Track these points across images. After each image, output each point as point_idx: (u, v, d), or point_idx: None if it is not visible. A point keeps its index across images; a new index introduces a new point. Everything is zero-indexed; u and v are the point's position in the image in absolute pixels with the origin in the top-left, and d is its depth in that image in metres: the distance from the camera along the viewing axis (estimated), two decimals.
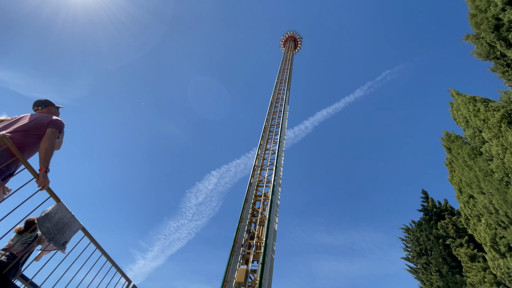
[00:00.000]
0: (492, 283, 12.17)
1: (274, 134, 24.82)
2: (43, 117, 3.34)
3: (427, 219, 18.71)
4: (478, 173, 12.72)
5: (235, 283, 13.12)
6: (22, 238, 4.18)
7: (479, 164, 12.82)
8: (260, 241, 15.75)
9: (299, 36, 47.32)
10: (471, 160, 13.41)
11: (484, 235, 11.20)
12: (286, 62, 38.53)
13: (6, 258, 3.76)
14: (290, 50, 42.38)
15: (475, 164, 13.05)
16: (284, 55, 40.49)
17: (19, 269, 3.92)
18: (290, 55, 40.08)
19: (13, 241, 4.16)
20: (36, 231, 4.29)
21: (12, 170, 3.03)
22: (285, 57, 39.49)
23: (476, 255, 13.92)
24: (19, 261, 3.88)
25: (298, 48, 48.08)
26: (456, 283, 14.74)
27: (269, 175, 21.21)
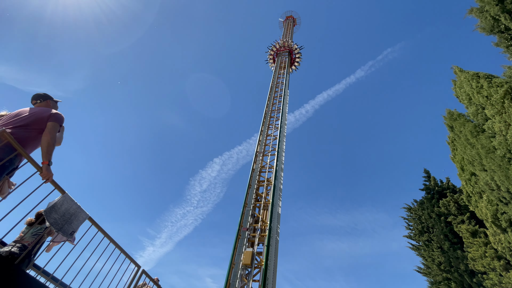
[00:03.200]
0: (493, 258, 12.44)
1: (275, 119, 24.71)
2: (43, 111, 3.33)
3: (429, 197, 18.90)
4: (480, 151, 12.71)
5: (242, 265, 13.53)
6: (32, 229, 4.30)
7: (482, 142, 12.79)
8: (264, 225, 16.08)
9: (297, 47, 34.70)
10: (474, 138, 13.37)
11: (486, 211, 11.33)
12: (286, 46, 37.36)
13: (18, 249, 3.89)
14: (283, 68, 30.96)
15: (478, 142, 13.02)
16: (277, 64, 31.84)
17: (31, 260, 4.06)
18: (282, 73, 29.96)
19: (24, 233, 4.28)
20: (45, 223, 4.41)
21: (15, 165, 3.07)
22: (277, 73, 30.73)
23: (477, 231, 14.15)
24: (31, 252, 4.01)
25: (296, 66, 35.24)
26: (457, 258, 15.09)
27: (271, 161, 21.34)
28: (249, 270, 13.65)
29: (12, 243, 4.14)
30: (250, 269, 13.61)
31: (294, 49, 35.11)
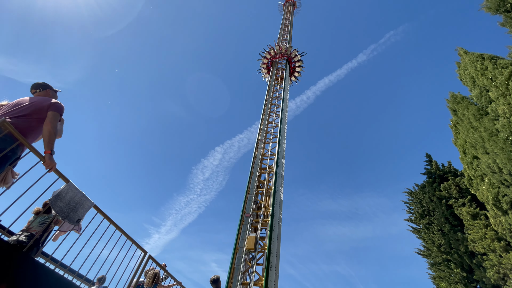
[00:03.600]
0: (493, 239, 12.62)
1: (276, 106, 24.49)
2: (42, 100, 3.30)
3: (430, 181, 18.99)
4: (483, 134, 12.63)
5: (246, 249, 13.83)
6: (39, 218, 4.36)
7: (485, 124, 12.68)
8: (267, 211, 16.29)
9: (297, 53, 28.29)
10: (477, 121, 13.25)
11: (487, 194, 11.39)
12: (285, 29, 34.53)
13: (26, 237, 3.96)
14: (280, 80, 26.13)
15: (481, 125, 12.92)
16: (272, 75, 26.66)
17: (39, 248, 4.14)
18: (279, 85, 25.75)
19: (31, 222, 4.35)
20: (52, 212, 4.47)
21: (18, 155, 3.07)
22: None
23: (478, 213, 14.29)
24: (39, 241, 4.08)
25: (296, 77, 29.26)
26: (458, 240, 15.32)
27: (272, 148, 21.34)
28: (252, 254, 13.96)
29: (20, 232, 4.22)
30: (253, 253, 13.91)
31: (293, 56, 28.46)
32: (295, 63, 29.22)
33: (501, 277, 12.22)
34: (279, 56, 28.81)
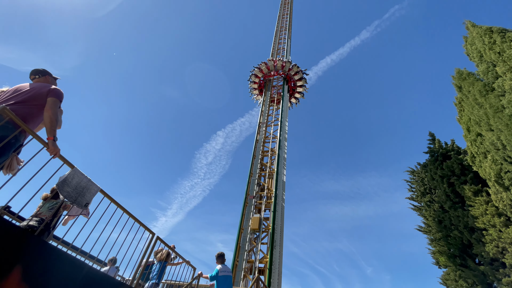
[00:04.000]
0: (494, 215, 12.81)
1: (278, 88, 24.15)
2: (41, 86, 3.25)
3: (432, 160, 19.02)
4: (488, 110, 12.45)
5: (250, 229, 14.21)
6: (48, 204, 4.45)
7: (490, 101, 12.47)
8: (270, 192, 16.53)
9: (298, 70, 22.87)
10: (482, 98, 13.02)
11: (489, 170, 11.42)
12: (285, 6, 32.37)
13: (36, 222, 4.06)
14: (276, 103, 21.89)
15: (486, 101, 12.70)
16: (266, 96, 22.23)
17: (51, 232, 4.26)
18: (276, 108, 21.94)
19: (41, 207, 4.45)
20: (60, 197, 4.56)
21: (21, 142, 3.06)
22: (267, 110, 21.75)
23: (480, 190, 14.42)
24: (49, 225, 4.19)
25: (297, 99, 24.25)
26: (458, 216, 15.58)
27: (274, 131, 21.26)
28: (257, 234, 14.35)
29: (30, 218, 4.33)
30: (258, 233, 14.30)
31: (293, 73, 22.66)
32: (295, 82, 23.53)
33: (500, 250, 12.53)
34: (275, 74, 23.36)
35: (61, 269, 3.01)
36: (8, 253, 2.49)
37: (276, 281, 12.54)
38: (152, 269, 5.90)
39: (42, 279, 2.76)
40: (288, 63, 23.06)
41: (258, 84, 24.23)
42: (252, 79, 23.92)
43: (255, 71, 23.50)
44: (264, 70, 23.39)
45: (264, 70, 23.39)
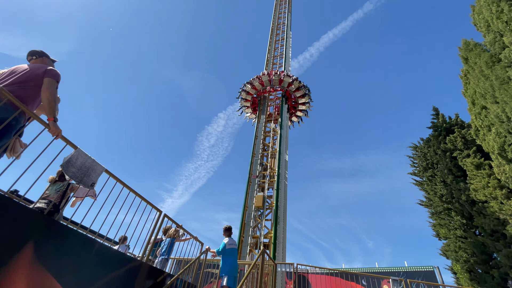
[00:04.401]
0: (495, 187, 12.91)
1: (278, 66, 23.59)
2: (37, 67, 3.19)
3: (436, 135, 18.91)
4: (494, 82, 12.16)
5: (255, 207, 14.55)
6: (55, 186, 4.54)
7: (497, 72, 12.15)
8: (273, 171, 16.71)
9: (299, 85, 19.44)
10: (488, 69, 12.68)
11: (493, 143, 11.36)
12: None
13: (45, 204, 4.16)
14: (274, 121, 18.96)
15: (492, 73, 12.38)
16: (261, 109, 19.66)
17: (60, 214, 4.37)
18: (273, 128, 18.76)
19: (49, 190, 4.53)
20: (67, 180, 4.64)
21: (22, 123, 3.05)
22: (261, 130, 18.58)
23: (482, 163, 14.44)
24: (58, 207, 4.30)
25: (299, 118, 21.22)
26: (460, 190, 15.74)
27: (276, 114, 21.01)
28: (261, 211, 14.71)
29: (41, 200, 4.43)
30: (262, 210, 14.65)
31: (293, 90, 19.13)
32: (296, 99, 19.93)
33: (501, 222, 12.77)
34: (271, 91, 19.96)
35: (72, 246, 3.11)
36: (20, 232, 2.56)
37: (280, 254, 13.01)
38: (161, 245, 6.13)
39: (54, 255, 2.86)
40: (288, 78, 19.17)
41: (251, 101, 20.83)
42: (243, 96, 20.38)
43: (247, 87, 19.91)
44: (257, 86, 19.66)
45: (257, 86, 19.66)
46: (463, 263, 14.74)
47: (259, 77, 19.70)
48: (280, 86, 19.44)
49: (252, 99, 20.54)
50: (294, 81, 19.29)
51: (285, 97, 19.78)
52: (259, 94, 20.22)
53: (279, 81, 19.20)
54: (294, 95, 19.72)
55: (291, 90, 19.34)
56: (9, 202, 2.57)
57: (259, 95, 20.38)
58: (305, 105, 20.37)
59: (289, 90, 19.41)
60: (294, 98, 20.04)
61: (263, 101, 19.98)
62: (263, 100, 20.09)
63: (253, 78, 19.96)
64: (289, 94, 19.90)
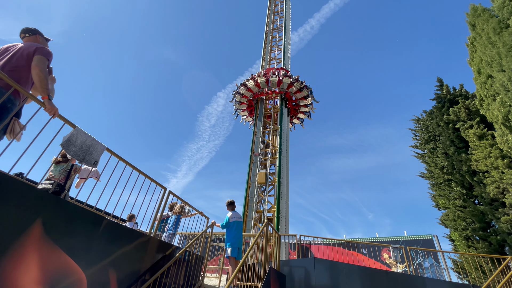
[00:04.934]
0: (497, 157, 12.94)
1: (278, 39, 22.78)
2: (28, 46, 3.07)
3: (439, 106, 18.63)
4: (501, 49, 11.74)
5: (258, 183, 14.79)
6: (59, 167, 4.57)
7: (504, 39, 11.69)
8: (274, 149, 16.76)
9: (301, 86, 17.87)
10: (496, 36, 12.18)
11: (497, 113, 11.20)
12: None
13: (50, 185, 4.21)
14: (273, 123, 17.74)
15: (500, 39, 11.91)
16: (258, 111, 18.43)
17: (66, 194, 4.44)
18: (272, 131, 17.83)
19: (53, 171, 4.57)
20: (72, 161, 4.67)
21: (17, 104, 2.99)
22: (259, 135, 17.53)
23: (485, 134, 14.36)
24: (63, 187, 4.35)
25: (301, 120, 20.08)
26: (461, 161, 15.80)
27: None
28: (264, 187, 14.97)
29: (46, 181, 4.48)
30: (265, 186, 14.91)
31: (293, 91, 17.69)
32: (297, 100, 18.32)
33: (501, 191, 12.94)
34: (268, 93, 18.04)
35: (80, 223, 3.18)
36: (28, 211, 2.61)
37: (284, 227, 13.43)
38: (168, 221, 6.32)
39: (63, 232, 2.94)
40: (287, 78, 17.18)
41: (247, 104, 19.28)
42: (238, 99, 18.89)
43: (241, 89, 18.29)
44: (253, 89, 17.86)
45: (253, 89, 17.86)
46: (461, 231, 15.18)
47: (255, 77, 17.85)
48: (279, 88, 17.52)
49: (248, 101, 18.99)
50: (295, 82, 17.42)
51: (284, 99, 18.11)
52: (255, 96, 18.50)
53: (278, 83, 17.33)
54: (295, 97, 18.15)
55: (291, 91, 17.72)
56: (17, 183, 2.59)
57: (255, 97, 18.63)
58: (308, 107, 18.77)
59: (289, 91, 17.78)
60: (295, 100, 18.49)
61: (260, 104, 18.35)
62: (260, 102, 18.44)
63: (248, 80, 18.22)
64: (289, 96, 18.24)
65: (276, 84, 17.32)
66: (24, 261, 2.49)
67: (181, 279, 4.79)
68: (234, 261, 5.60)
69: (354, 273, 6.94)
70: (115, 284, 3.53)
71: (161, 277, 4.24)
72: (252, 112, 19.56)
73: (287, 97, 18.23)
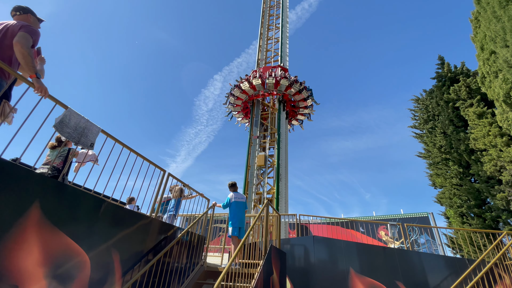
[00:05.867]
0: (496, 135, 12.95)
1: (275, 17, 21.99)
2: (17, 24, 2.87)
3: (439, 85, 18.40)
4: (506, 24, 11.40)
5: (257, 166, 14.85)
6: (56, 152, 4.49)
7: (509, 13, 11.31)
8: (273, 131, 16.68)
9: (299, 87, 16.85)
10: (501, 9, 11.78)
11: (499, 90, 11.06)
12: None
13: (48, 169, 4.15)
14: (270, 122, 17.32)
15: (505, 13, 11.53)
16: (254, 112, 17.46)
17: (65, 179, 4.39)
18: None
19: (50, 156, 4.50)
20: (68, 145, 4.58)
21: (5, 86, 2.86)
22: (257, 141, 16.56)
23: (485, 112, 14.28)
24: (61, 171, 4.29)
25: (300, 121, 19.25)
26: (459, 140, 15.83)
27: (275, 60, 20.11)
28: (263, 170, 15.05)
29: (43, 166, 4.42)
30: (264, 169, 14.98)
31: (292, 93, 16.73)
32: (296, 102, 17.40)
33: (498, 169, 13.07)
34: (265, 95, 16.84)
35: (81, 205, 3.15)
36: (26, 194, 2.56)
37: (283, 207, 13.67)
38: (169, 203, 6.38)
39: (63, 215, 2.91)
40: (285, 80, 16.01)
41: (242, 106, 18.17)
42: (231, 101, 17.77)
43: (234, 91, 17.05)
44: (248, 91, 16.65)
45: (248, 91, 16.65)
46: (457, 208, 15.51)
47: (249, 79, 16.48)
48: (276, 90, 16.45)
49: (243, 103, 17.91)
50: (294, 83, 16.34)
51: (282, 101, 17.02)
52: (250, 98, 17.40)
53: (275, 84, 16.19)
54: (294, 98, 17.23)
55: (290, 93, 16.69)
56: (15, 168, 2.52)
57: (251, 99, 17.50)
58: (308, 109, 17.85)
59: (287, 93, 16.74)
60: (294, 102, 17.65)
61: (256, 106, 17.26)
62: (256, 104, 17.37)
63: (242, 80, 16.80)
64: (288, 98, 17.31)
65: (273, 86, 16.27)
66: (25, 245, 2.48)
67: (184, 259, 4.88)
68: (236, 240, 5.73)
69: (352, 250, 7.12)
70: (119, 264, 3.57)
71: (164, 256, 4.31)
72: (247, 115, 18.60)
73: (286, 99, 17.34)
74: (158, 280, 4.13)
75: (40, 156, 3.26)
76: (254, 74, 16.96)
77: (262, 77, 16.39)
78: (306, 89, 16.89)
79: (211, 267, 5.57)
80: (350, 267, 6.85)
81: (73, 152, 4.51)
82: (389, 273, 6.63)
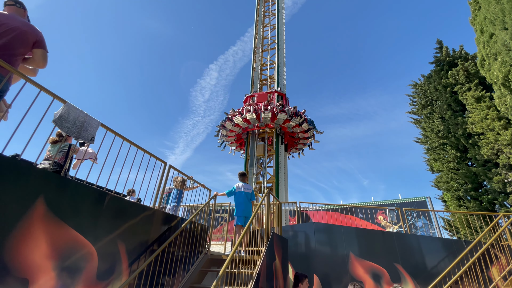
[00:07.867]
0: (494, 119, 13.00)
1: (271, 3, 21.55)
2: (27, 28, 2.67)
3: (437, 70, 18.29)
4: (505, 6, 11.24)
5: (256, 156, 14.92)
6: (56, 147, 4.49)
7: None
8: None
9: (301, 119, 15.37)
10: None
11: (497, 73, 11.02)
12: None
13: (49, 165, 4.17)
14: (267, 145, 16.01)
15: None
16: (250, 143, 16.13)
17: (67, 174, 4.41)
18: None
19: (51, 151, 4.50)
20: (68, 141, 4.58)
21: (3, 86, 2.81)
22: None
23: (483, 96, 14.28)
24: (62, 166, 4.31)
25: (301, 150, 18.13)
26: (457, 124, 15.90)
27: (271, 56, 20.03)
28: (262, 159, 15.13)
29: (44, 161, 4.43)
30: (263, 158, 15.06)
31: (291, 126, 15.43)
32: (297, 134, 16.07)
33: (495, 152, 13.21)
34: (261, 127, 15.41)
35: (84, 199, 3.19)
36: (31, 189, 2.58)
37: (283, 195, 13.83)
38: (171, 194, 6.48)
39: (68, 208, 2.95)
40: (283, 114, 14.50)
41: (235, 138, 16.85)
42: (223, 133, 16.36)
43: (226, 124, 15.60)
44: (241, 124, 15.28)
45: (241, 124, 15.28)
46: (454, 192, 15.75)
47: (243, 111, 15.04)
48: (273, 123, 15.03)
49: (236, 135, 16.60)
50: (293, 116, 14.85)
51: (281, 134, 15.64)
52: (244, 131, 16.10)
53: (272, 118, 14.65)
54: (294, 131, 15.84)
55: (289, 127, 15.31)
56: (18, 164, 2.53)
57: (245, 131, 16.21)
58: (309, 139, 16.68)
59: (286, 126, 15.39)
60: (294, 134, 16.28)
61: (252, 138, 15.91)
62: (252, 136, 16.01)
63: (235, 114, 15.23)
64: (287, 130, 15.91)
65: (269, 121, 14.82)
66: (32, 239, 2.53)
67: (188, 248, 4.98)
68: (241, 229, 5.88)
69: (351, 235, 7.28)
70: (125, 255, 3.65)
71: (168, 246, 4.40)
72: (242, 145, 17.46)
73: (284, 130, 15.93)
74: (164, 268, 4.24)
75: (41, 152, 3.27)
76: (247, 108, 15.17)
77: (257, 110, 14.82)
78: (306, 121, 15.52)
79: (215, 255, 5.70)
80: (350, 252, 7.02)
81: (74, 148, 4.52)
82: (388, 256, 6.81)
